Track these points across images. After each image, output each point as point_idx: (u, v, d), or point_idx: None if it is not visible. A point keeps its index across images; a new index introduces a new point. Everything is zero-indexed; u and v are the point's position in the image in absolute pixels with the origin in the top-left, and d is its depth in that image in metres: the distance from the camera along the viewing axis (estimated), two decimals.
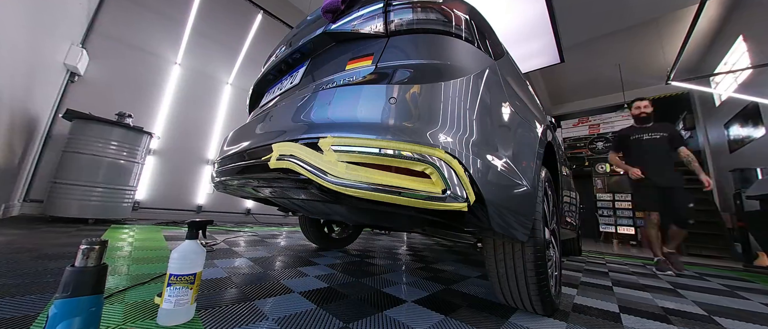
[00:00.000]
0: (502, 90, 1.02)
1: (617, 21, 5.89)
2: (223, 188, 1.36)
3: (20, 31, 2.21)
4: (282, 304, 0.99)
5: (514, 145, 0.96)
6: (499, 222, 0.80)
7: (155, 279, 1.13)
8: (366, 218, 1.23)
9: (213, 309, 0.88)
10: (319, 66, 1.14)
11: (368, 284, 1.36)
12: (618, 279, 2.07)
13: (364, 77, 0.87)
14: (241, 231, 3.14)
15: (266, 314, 0.89)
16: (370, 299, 1.13)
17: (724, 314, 1.36)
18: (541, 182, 1.13)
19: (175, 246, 0.82)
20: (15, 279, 0.98)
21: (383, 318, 0.95)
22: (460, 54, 0.91)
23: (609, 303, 1.38)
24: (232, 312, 0.88)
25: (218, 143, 4.48)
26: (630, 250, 5.23)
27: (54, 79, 3.01)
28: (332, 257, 2.00)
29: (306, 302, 1.03)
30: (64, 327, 0.55)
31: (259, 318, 0.86)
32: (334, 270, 1.58)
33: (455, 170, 0.70)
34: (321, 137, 0.76)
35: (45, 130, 3.05)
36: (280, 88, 1.33)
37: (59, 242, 1.67)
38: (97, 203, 2.69)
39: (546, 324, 1.01)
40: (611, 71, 7.82)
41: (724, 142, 6.16)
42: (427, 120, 0.74)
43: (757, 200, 3.40)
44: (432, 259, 2.24)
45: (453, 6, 0.98)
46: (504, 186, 0.83)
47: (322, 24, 1.14)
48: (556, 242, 1.36)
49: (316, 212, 1.38)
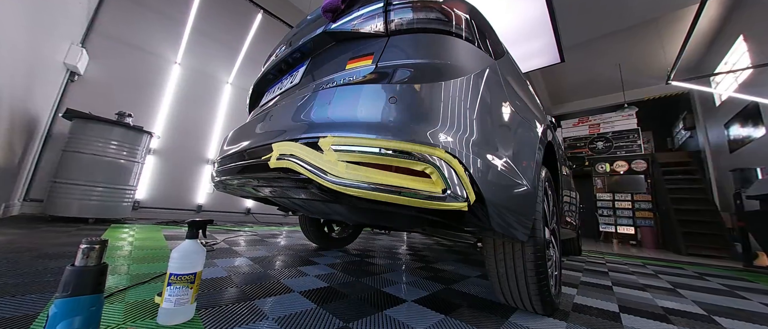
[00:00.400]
0: (503, 90, 1.02)
1: (617, 21, 5.89)
2: (223, 188, 1.36)
3: (20, 31, 2.21)
4: (282, 304, 0.99)
5: (515, 145, 0.96)
6: (499, 222, 0.80)
7: (155, 278, 1.13)
8: (366, 218, 1.23)
9: (213, 309, 0.88)
10: (319, 65, 1.14)
11: (368, 283, 1.36)
12: (618, 279, 2.07)
13: (364, 77, 0.87)
14: (241, 231, 3.14)
15: (266, 313, 0.89)
16: (370, 298, 1.13)
17: (724, 314, 1.36)
18: (541, 181, 1.13)
19: (175, 246, 0.82)
20: (15, 278, 0.98)
21: (383, 317, 0.95)
22: (461, 54, 0.91)
23: (609, 303, 1.38)
24: (232, 312, 0.88)
25: (218, 142, 4.48)
26: (630, 250, 5.23)
27: (54, 79, 3.00)
28: (332, 256, 2.00)
29: (306, 301, 1.03)
30: (64, 326, 0.55)
31: (259, 317, 0.86)
32: (334, 270, 1.58)
33: (455, 170, 0.70)
34: (321, 137, 0.76)
35: (45, 129, 3.05)
36: (280, 87, 1.33)
37: (59, 241, 1.67)
38: (97, 202, 2.69)
39: (546, 323, 1.01)
40: (611, 71, 7.82)
41: (724, 142, 6.17)
42: (427, 120, 0.74)
43: (757, 200, 3.40)
44: (432, 259, 2.24)
45: (453, 5, 0.98)
46: (504, 186, 0.83)
47: (322, 23, 1.14)
48: (556, 241, 1.36)
49: (316, 212, 1.38)
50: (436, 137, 0.71)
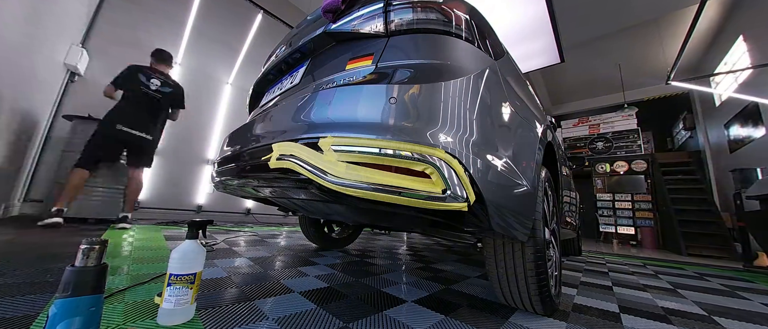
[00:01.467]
0: (502, 90, 1.02)
1: (617, 21, 5.89)
2: (223, 188, 1.36)
3: (20, 31, 2.21)
4: (282, 304, 0.99)
5: (514, 145, 0.96)
6: (499, 222, 0.80)
7: (155, 278, 1.13)
8: (366, 218, 1.23)
9: (213, 309, 0.88)
10: (319, 66, 1.14)
11: (368, 284, 1.36)
12: (618, 280, 2.07)
13: (364, 77, 0.87)
14: (241, 231, 3.14)
15: (266, 314, 0.89)
16: (370, 299, 1.13)
17: (724, 314, 1.36)
18: (541, 182, 1.13)
19: (175, 246, 0.82)
20: (15, 278, 0.98)
21: (383, 317, 0.95)
22: (461, 54, 0.91)
23: (609, 303, 1.38)
24: (232, 312, 0.88)
25: (218, 142, 4.48)
26: (630, 250, 5.23)
27: (54, 79, 3.00)
28: (332, 257, 2.00)
29: (306, 302, 1.03)
30: (64, 326, 0.55)
31: (259, 317, 0.86)
32: (334, 270, 1.58)
33: (455, 170, 0.70)
34: (321, 137, 0.76)
35: (45, 130, 3.05)
36: (281, 88, 1.33)
37: (59, 241, 1.67)
38: (98, 202, 2.69)
39: (546, 324, 1.01)
40: (611, 71, 7.82)
41: (725, 142, 6.17)
42: (427, 120, 0.74)
43: (757, 200, 3.40)
44: (432, 259, 2.24)
45: (453, 6, 0.98)
46: (504, 186, 0.83)
47: (323, 24, 1.14)
48: (556, 242, 1.36)
49: (316, 212, 1.38)
50: (436, 138, 0.71)
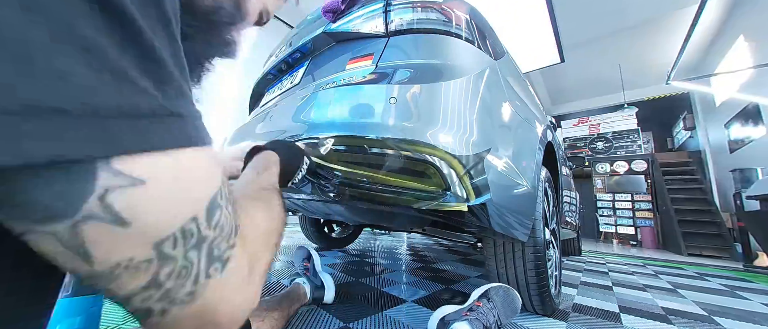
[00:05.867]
0: (503, 90, 1.02)
1: (617, 21, 5.88)
2: None
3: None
4: None
5: (515, 145, 0.96)
6: (499, 222, 0.80)
7: None
8: (366, 218, 1.23)
9: None
10: (319, 66, 1.14)
11: (368, 284, 1.36)
12: (618, 280, 2.07)
13: (364, 77, 0.87)
14: None
15: None
16: (370, 299, 1.13)
17: (724, 314, 1.36)
18: (541, 181, 1.13)
19: None
20: None
21: (383, 317, 0.95)
22: (461, 54, 0.91)
23: (609, 303, 1.38)
24: None
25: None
26: (630, 250, 5.23)
27: None
28: (332, 257, 2.00)
29: None
30: (65, 326, 0.55)
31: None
32: (334, 270, 1.58)
33: (455, 170, 0.70)
34: (321, 137, 0.76)
35: None
36: (280, 87, 1.33)
37: None
38: None
39: (546, 323, 1.01)
40: (611, 71, 7.81)
41: (725, 142, 6.16)
42: (427, 120, 0.74)
43: (757, 200, 3.40)
44: (432, 259, 2.24)
45: (453, 6, 0.98)
46: (504, 186, 0.83)
47: (322, 24, 1.14)
48: (556, 242, 1.36)
49: (316, 212, 1.38)
50: (436, 137, 0.71)
